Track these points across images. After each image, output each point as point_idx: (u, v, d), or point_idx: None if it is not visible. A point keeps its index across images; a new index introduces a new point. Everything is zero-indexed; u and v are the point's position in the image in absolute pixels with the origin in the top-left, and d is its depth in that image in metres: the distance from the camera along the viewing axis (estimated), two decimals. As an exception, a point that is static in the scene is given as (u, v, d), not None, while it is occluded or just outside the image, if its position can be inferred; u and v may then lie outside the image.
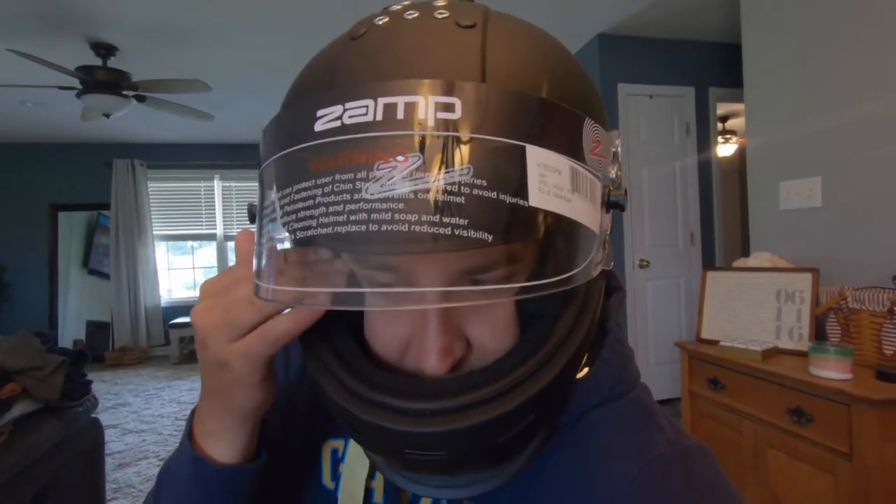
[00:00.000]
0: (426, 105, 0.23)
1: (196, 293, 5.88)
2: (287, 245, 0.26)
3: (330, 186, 0.23)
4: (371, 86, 0.24)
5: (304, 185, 0.24)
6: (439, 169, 0.22)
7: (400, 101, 0.23)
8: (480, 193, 0.23)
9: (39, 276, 5.23)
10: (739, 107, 3.21)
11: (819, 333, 1.61)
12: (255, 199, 0.30)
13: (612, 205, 0.29)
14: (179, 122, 3.98)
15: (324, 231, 0.23)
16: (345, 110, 0.24)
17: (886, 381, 1.30)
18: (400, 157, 0.23)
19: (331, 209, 0.23)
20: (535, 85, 0.27)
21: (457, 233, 0.22)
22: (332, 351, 0.31)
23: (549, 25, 0.33)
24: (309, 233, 0.24)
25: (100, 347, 5.21)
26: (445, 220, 0.22)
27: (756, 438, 1.54)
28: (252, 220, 0.31)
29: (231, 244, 5.81)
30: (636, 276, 3.18)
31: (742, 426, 1.59)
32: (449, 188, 0.22)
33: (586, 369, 0.36)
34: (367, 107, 0.24)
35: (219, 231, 5.74)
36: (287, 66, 3.35)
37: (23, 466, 1.44)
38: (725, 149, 4.89)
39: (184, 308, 5.58)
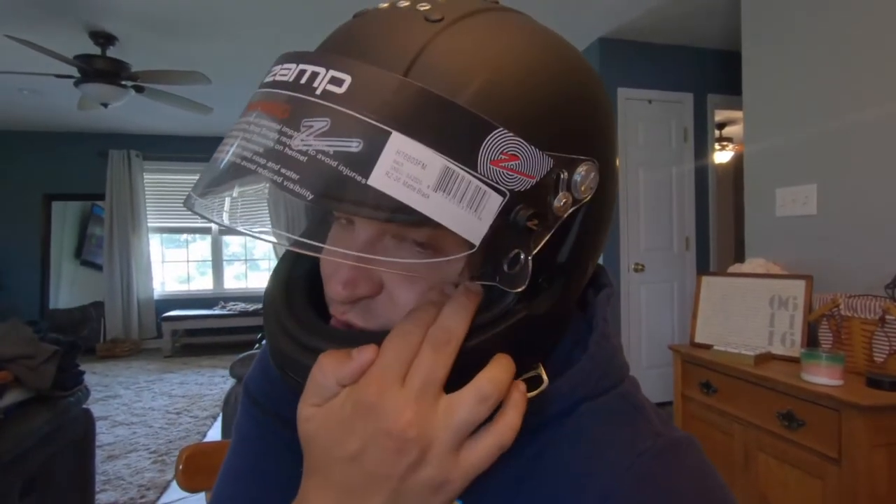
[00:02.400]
0: (324, 76, 0.27)
1: (190, 287, 5.87)
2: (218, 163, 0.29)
3: (240, 124, 0.29)
4: (299, 53, 0.29)
5: (237, 121, 0.30)
6: (303, 128, 0.26)
7: (309, 68, 0.27)
8: (323, 158, 0.25)
9: (31, 266, 5.18)
10: (736, 114, 3.24)
11: (811, 340, 1.63)
12: None
13: (524, 229, 0.28)
14: (177, 113, 3.95)
15: (226, 157, 0.28)
16: (281, 68, 0.29)
17: (876, 387, 1.32)
18: (286, 113, 0.27)
19: (227, 142, 0.29)
20: (453, 87, 0.27)
21: (286, 184, 0.25)
22: (287, 304, 0.35)
23: (550, 27, 0.33)
24: (221, 155, 0.28)
25: (91, 339, 5.18)
26: (284, 170, 0.25)
27: (747, 442, 1.56)
28: None
29: (226, 238, 5.79)
30: (631, 280, 3.20)
31: (733, 430, 1.60)
32: (301, 146, 0.26)
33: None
34: (289, 69, 0.28)
35: (213, 224, 5.70)
36: (287, 60, 3.33)
37: (12, 455, 1.42)
38: (722, 156, 4.93)
39: (177, 301, 5.56)
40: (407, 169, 0.25)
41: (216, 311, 5.33)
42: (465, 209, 0.27)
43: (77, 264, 5.43)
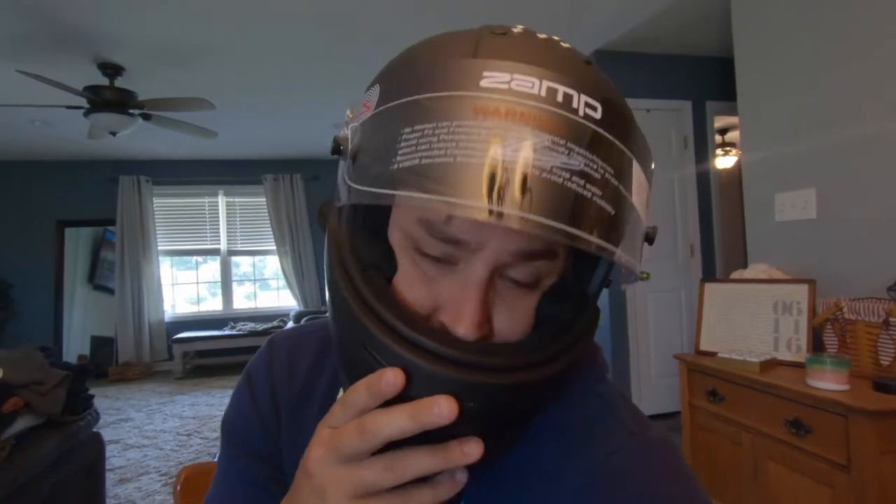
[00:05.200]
0: (579, 99, 0.27)
1: (200, 308, 5.91)
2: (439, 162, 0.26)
3: (498, 129, 0.26)
4: (537, 68, 0.28)
5: (470, 124, 0.26)
6: (585, 149, 0.26)
7: (560, 89, 0.27)
8: (609, 178, 0.27)
9: (45, 292, 5.27)
10: (738, 120, 3.24)
11: (816, 344, 1.61)
12: (258, 214, 0.29)
13: (647, 239, 0.34)
14: (184, 139, 4.05)
15: (482, 160, 0.25)
16: (512, 79, 0.27)
17: (883, 391, 1.30)
18: (561, 139, 0.26)
19: (492, 146, 0.25)
20: (632, 120, 0.31)
21: (596, 200, 0.26)
22: (379, 301, 0.31)
23: None
24: (472, 159, 0.25)
25: (104, 363, 5.23)
26: (589, 186, 0.26)
27: (755, 450, 1.53)
28: (336, 153, 0.33)
29: (235, 259, 5.85)
30: (636, 289, 3.18)
31: (741, 438, 1.58)
32: (594, 167, 0.26)
33: None
34: (533, 83, 0.27)
35: (222, 246, 5.79)
36: (287, 84, 3.41)
37: (23, 481, 1.44)
38: (725, 161, 4.91)
39: (187, 323, 5.61)
40: (641, 194, 0.29)
41: (226, 332, 5.37)
42: (643, 224, 0.31)
43: (90, 289, 5.51)
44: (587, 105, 0.27)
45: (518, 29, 0.32)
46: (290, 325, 5.09)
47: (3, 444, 1.42)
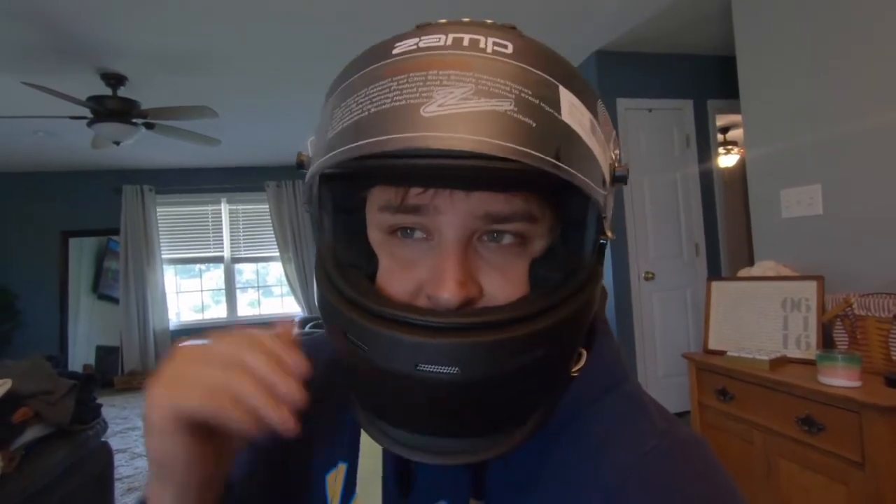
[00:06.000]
0: (486, 41, 0.29)
1: (204, 316, 5.89)
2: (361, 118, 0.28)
3: (405, 79, 0.27)
4: (443, 25, 0.30)
5: (381, 83, 0.28)
6: (500, 87, 0.27)
7: (466, 36, 0.29)
8: (527, 97, 0.27)
9: (50, 302, 5.28)
10: (739, 118, 3.24)
11: (826, 341, 1.60)
12: (261, 221, 0.31)
13: (617, 179, 0.33)
14: (187, 147, 4.05)
15: (398, 104, 0.26)
16: (420, 40, 0.30)
17: (896, 387, 1.29)
18: (467, 72, 0.27)
19: (405, 93, 0.27)
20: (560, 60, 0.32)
21: (518, 117, 0.26)
22: (353, 288, 0.32)
23: (547, 42, 0.35)
24: (384, 106, 0.27)
25: (109, 372, 5.23)
26: (511, 106, 0.26)
27: (767, 449, 1.52)
28: (300, 167, 0.35)
29: (239, 266, 5.86)
30: (642, 289, 3.17)
31: (753, 437, 1.57)
32: (507, 90, 0.27)
33: (583, 360, 0.38)
34: (440, 38, 0.29)
35: (226, 253, 5.80)
36: (288, 85, 3.42)
37: (33, 491, 1.44)
38: (728, 159, 4.90)
39: (192, 331, 5.61)
40: (576, 115, 0.29)
41: (231, 339, 5.36)
42: (602, 156, 0.31)
43: (94, 298, 5.52)
44: (496, 44, 0.28)
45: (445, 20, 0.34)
46: (296, 331, 5.08)
47: (14, 455, 1.42)
